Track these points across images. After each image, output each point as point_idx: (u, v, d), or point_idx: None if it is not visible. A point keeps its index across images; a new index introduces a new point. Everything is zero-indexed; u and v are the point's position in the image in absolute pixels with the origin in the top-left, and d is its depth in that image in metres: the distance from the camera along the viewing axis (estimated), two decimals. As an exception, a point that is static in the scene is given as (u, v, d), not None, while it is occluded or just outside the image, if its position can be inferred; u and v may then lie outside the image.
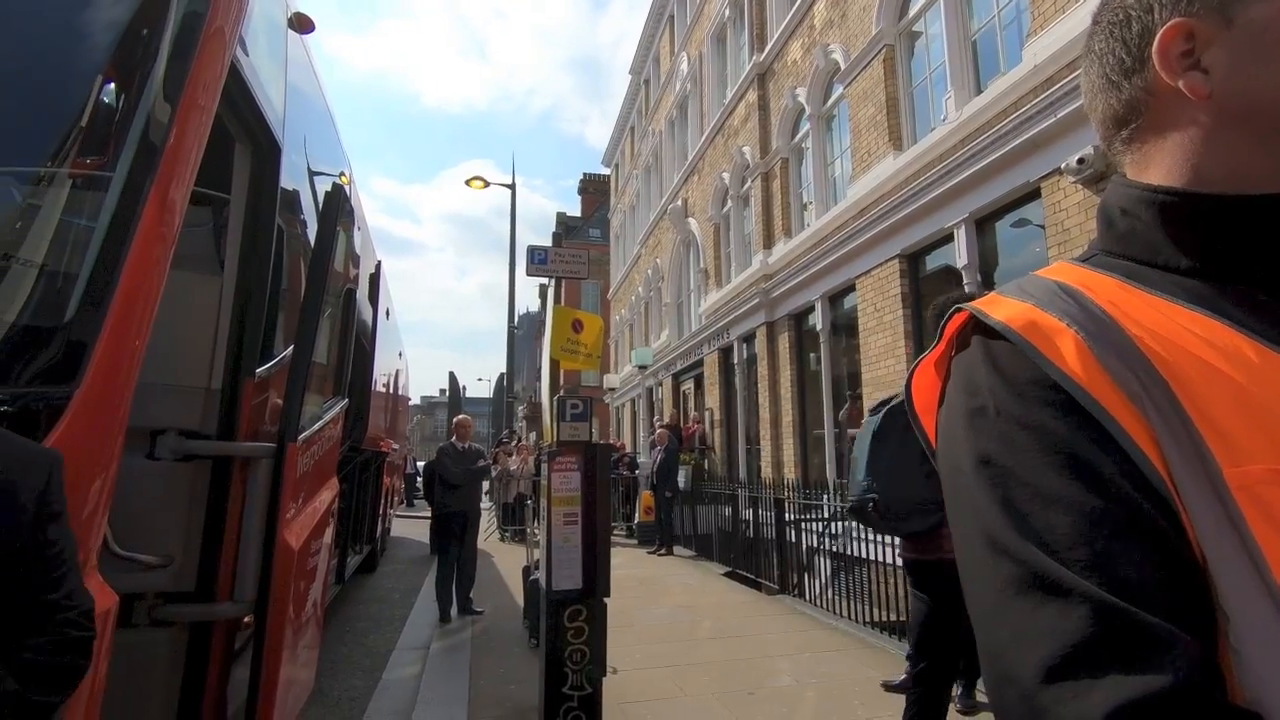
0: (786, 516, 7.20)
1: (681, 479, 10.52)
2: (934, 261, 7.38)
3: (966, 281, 6.49)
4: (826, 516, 6.65)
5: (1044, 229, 5.64)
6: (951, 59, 6.99)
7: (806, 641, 5.30)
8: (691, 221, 15.25)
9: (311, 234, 3.03)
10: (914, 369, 0.61)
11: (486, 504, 13.74)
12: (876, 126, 8.07)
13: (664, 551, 9.98)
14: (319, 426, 3.12)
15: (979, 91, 6.65)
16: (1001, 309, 0.50)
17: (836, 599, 6.13)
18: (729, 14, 13.30)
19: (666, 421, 12.50)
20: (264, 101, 2.32)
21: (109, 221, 1.53)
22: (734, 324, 12.04)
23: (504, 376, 18.62)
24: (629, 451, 15.84)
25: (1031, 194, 5.82)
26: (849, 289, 8.67)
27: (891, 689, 3.77)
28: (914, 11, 7.73)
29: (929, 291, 7.46)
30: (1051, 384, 0.45)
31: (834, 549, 6.37)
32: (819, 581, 6.52)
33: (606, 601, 3.49)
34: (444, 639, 5.59)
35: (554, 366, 5.24)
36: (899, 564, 3.79)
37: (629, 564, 8.91)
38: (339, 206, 3.00)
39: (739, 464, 12.29)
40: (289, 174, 2.59)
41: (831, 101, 9.61)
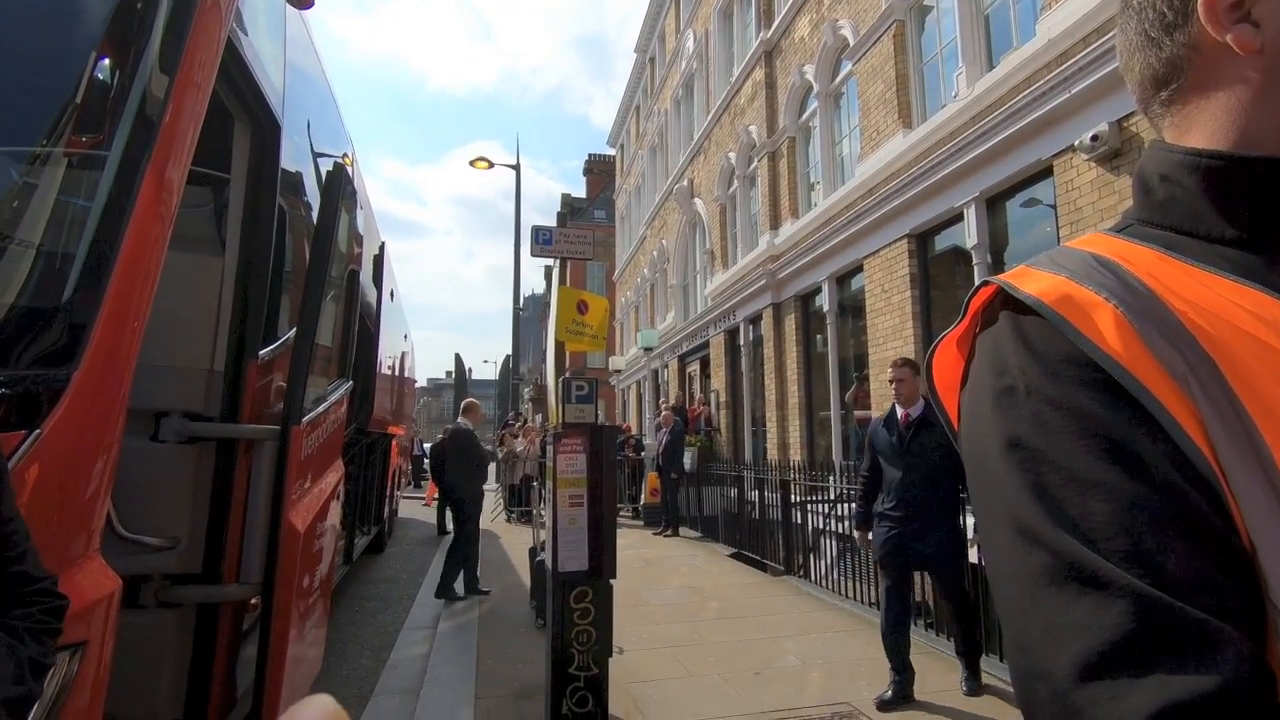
0: (792, 498, 7.21)
1: (687, 460, 10.54)
2: (943, 242, 7.29)
3: (975, 262, 6.42)
4: (832, 498, 6.66)
5: (1055, 208, 5.55)
6: (963, 34, 6.85)
7: (812, 622, 5.32)
8: (697, 202, 15.12)
9: (314, 214, 3.00)
10: (934, 347, 0.58)
11: (492, 485, 13.83)
12: (886, 104, 7.94)
13: (670, 533, 10.04)
14: (323, 409, 3.11)
15: (991, 67, 6.52)
16: (1033, 282, 0.47)
17: (842, 580, 6.14)
18: (735, -11, 13.09)
19: (672, 403, 12.49)
20: (263, 79, 2.28)
21: (105, 200, 1.51)
22: (740, 305, 11.98)
23: (509, 359, 18.66)
24: (634, 433, 15.87)
25: (1043, 172, 5.73)
26: (856, 270, 8.60)
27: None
28: (925, -15, 7.58)
29: (937, 272, 7.38)
30: (1088, 362, 0.42)
31: (839, 530, 6.37)
32: (824, 563, 6.54)
33: (612, 583, 3.50)
34: (451, 619, 5.64)
35: (559, 348, 5.23)
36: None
37: (635, 545, 8.96)
38: (341, 186, 2.97)
39: (745, 446, 12.29)
40: (290, 153, 2.56)
41: (840, 79, 9.45)
